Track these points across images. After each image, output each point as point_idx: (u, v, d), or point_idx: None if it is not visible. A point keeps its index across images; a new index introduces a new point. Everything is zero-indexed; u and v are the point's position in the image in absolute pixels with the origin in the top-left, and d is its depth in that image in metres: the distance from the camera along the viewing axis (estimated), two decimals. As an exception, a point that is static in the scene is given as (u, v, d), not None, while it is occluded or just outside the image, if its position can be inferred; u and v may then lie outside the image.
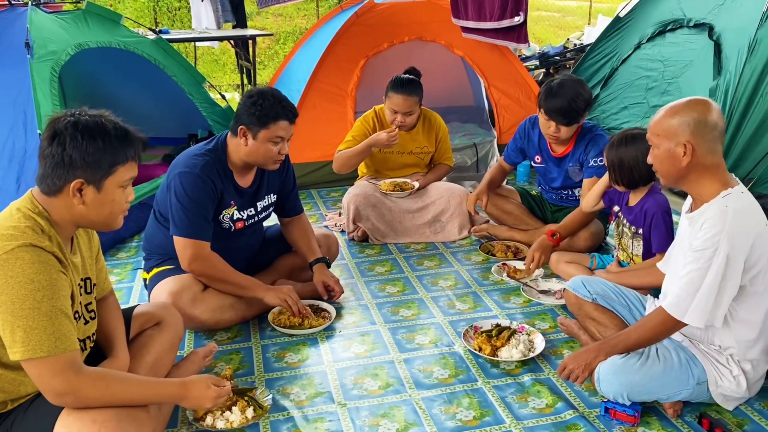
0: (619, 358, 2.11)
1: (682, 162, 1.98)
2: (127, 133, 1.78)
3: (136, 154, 1.81)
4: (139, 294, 3.08)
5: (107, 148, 1.72)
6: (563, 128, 3.13)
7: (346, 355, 2.52)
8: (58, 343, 1.63)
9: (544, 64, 6.48)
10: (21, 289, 1.60)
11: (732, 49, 4.01)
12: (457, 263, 3.37)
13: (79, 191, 1.72)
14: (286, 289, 2.69)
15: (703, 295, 1.95)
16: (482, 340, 2.49)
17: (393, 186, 3.67)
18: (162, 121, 5.05)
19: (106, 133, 1.73)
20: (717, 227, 1.93)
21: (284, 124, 2.58)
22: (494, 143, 4.75)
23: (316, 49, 4.93)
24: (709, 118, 1.96)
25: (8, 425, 1.73)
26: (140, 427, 1.79)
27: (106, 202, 1.77)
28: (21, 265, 1.62)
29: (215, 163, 2.60)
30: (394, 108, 3.56)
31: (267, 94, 2.56)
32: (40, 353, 1.61)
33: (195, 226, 2.55)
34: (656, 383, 2.08)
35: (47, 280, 1.64)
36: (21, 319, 1.60)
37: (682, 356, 2.10)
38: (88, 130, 1.71)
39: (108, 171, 1.74)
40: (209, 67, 9.98)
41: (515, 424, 2.11)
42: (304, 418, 2.14)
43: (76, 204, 1.74)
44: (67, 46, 3.90)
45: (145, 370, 2.06)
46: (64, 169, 1.71)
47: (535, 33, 11.71)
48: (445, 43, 4.84)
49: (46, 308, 1.62)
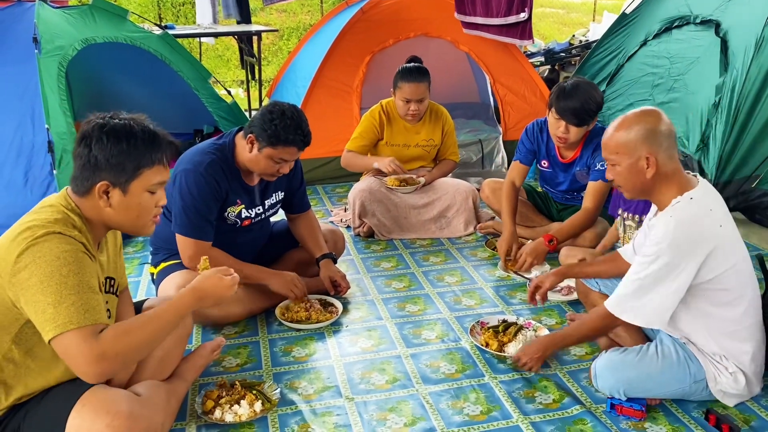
0: (617, 353, 2.16)
1: (647, 174, 2.02)
2: (155, 136, 1.78)
3: (165, 158, 1.81)
4: (146, 288, 3.09)
5: (132, 151, 1.73)
6: (573, 129, 3.11)
7: (353, 349, 2.53)
8: (87, 315, 1.64)
9: (550, 60, 6.47)
10: (48, 266, 1.62)
11: (739, 46, 4.00)
12: (463, 259, 3.37)
13: (106, 193, 1.75)
14: (291, 275, 2.70)
15: (640, 297, 2.01)
16: (489, 336, 2.50)
17: (399, 182, 3.68)
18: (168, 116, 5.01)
19: (133, 135, 1.74)
20: (659, 237, 1.99)
21: (292, 150, 2.56)
22: (500, 139, 4.75)
23: (322, 45, 4.93)
24: (662, 127, 2.02)
25: (21, 417, 1.75)
26: (150, 419, 1.81)
27: (132, 206, 1.78)
28: (48, 246, 1.64)
29: (221, 162, 2.59)
30: (406, 97, 3.56)
31: (287, 116, 2.51)
32: (69, 326, 1.61)
33: (196, 226, 2.56)
34: (653, 381, 2.10)
35: (73, 257, 1.66)
36: (50, 296, 1.61)
37: (681, 354, 2.12)
38: (114, 132, 1.73)
39: (133, 174, 1.74)
40: (213, 63, 9.98)
41: (522, 419, 2.11)
42: (312, 412, 2.15)
43: (103, 206, 1.76)
44: (74, 41, 3.91)
45: (154, 363, 2.07)
46: (90, 171, 1.73)
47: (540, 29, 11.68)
48: (451, 39, 4.84)
49: (72, 282, 1.63)
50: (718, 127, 3.91)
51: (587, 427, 2.07)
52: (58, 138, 3.49)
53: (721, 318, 2.05)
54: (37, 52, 3.65)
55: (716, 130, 3.92)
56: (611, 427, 2.07)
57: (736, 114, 3.80)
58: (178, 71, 4.48)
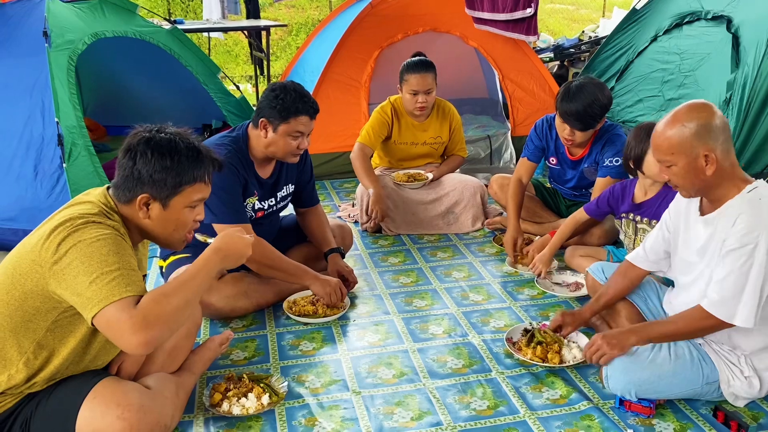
0: (628, 354, 2.08)
1: (707, 172, 1.93)
2: (199, 153, 1.79)
3: (207, 175, 1.82)
4: (155, 281, 3.10)
5: (175, 167, 1.74)
6: (578, 132, 3.09)
7: (361, 344, 2.54)
8: (128, 288, 1.64)
9: (559, 56, 6.44)
10: (88, 248, 1.64)
11: (751, 42, 3.96)
12: (471, 255, 3.37)
13: (146, 205, 1.76)
14: (335, 282, 2.70)
15: (749, 295, 1.91)
16: (540, 351, 2.34)
17: (407, 177, 3.67)
18: (176, 111, 5.08)
19: (177, 152, 1.75)
20: (753, 221, 1.89)
21: (305, 119, 2.60)
22: (508, 135, 4.73)
23: (330, 40, 4.92)
24: (716, 121, 1.91)
25: (33, 407, 1.77)
26: (160, 411, 1.82)
27: (170, 220, 1.80)
28: (89, 230, 1.66)
29: (239, 152, 2.62)
30: (414, 89, 3.55)
31: (290, 89, 2.59)
32: (111, 299, 1.61)
33: (234, 212, 2.59)
34: (665, 382, 2.07)
35: (113, 239, 1.67)
36: (91, 275, 1.62)
37: (695, 354, 2.09)
38: (159, 148, 1.74)
39: (174, 190, 1.76)
40: (222, 58, 9.99)
41: (529, 414, 2.11)
42: (319, 406, 2.15)
43: (142, 217, 1.78)
44: (84, 35, 3.92)
45: (163, 356, 2.09)
46: (132, 182, 1.75)
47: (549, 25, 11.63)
48: (460, 34, 4.83)
49: (113, 260, 1.64)
50: (730, 124, 3.88)
51: (594, 423, 2.07)
52: (68, 131, 3.51)
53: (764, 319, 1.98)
54: (47, 46, 3.67)
55: (727, 127, 3.90)
56: (619, 423, 2.06)
57: (747, 110, 3.77)
58: (187, 66, 4.49)
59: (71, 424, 1.74)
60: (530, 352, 2.37)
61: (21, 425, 1.75)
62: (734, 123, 3.83)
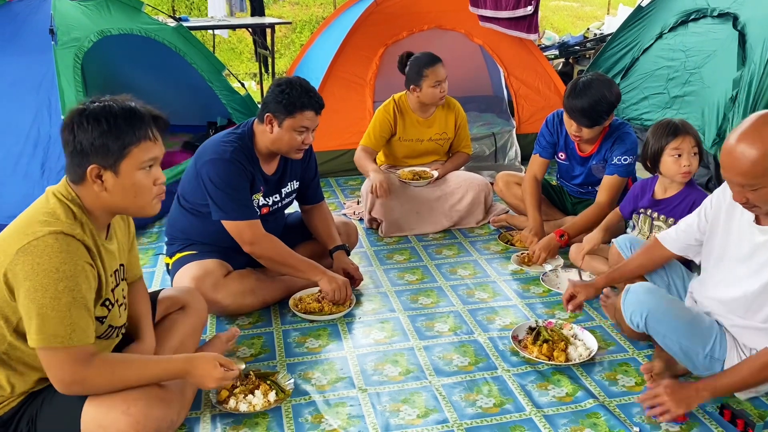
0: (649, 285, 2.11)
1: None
2: (135, 112, 1.74)
3: (152, 133, 1.76)
4: (161, 279, 3.11)
5: (113, 130, 1.70)
6: (585, 129, 3.09)
7: (366, 341, 2.54)
8: (73, 335, 1.65)
9: (564, 54, 6.42)
10: (45, 277, 1.62)
11: (757, 40, 3.95)
12: (476, 252, 3.37)
13: (99, 177, 1.72)
14: (342, 280, 2.71)
15: None
16: (546, 348, 2.36)
17: (412, 175, 3.67)
18: (182, 108, 5.07)
19: (112, 115, 1.71)
20: None
21: (310, 114, 2.61)
22: (513, 133, 4.72)
23: (335, 37, 4.92)
24: None
25: (38, 405, 1.77)
26: (167, 408, 1.83)
27: (127, 187, 1.75)
28: (49, 253, 1.63)
29: (244, 149, 2.63)
30: (439, 79, 3.56)
31: (295, 84, 2.60)
32: (53, 343, 1.64)
33: (243, 208, 2.60)
34: (674, 324, 2.06)
35: (72, 270, 1.64)
36: (40, 308, 1.62)
37: (715, 328, 2.07)
38: (93, 115, 1.71)
39: (120, 153, 1.71)
40: (226, 55, 9.99)
41: (535, 412, 2.12)
42: (325, 403, 2.16)
43: (99, 191, 1.73)
44: (90, 32, 3.93)
45: (169, 353, 2.10)
46: (78, 157, 1.72)
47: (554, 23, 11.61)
48: (465, 31, 4.82)
49: (66, 300, 1.63)
50: (735, 122, 3.88)
51: (600, 421, 2.07)
52: (74, 129, 3.51)
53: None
54: (53, 43, 3.67)
55: (733, 125, 3.89)
56: (625, 421, 2.06)
57: (754, 108, 3.77)
58: (192, 63, 4.49)
59: (76, 421, 1.74)
60: (536, 350, 2.37)
61: (27, 423, 1.76)
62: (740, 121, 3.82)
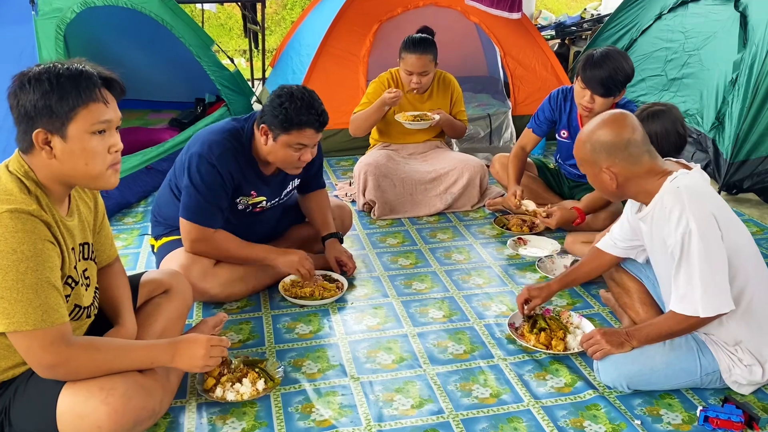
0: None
1: (612, 185, 2.00)
2: (81, 72, 1.62)
3: (101, 94, 1.64)
4: (145, 260, 3.01)
5: (56, 90, 1.58)
6: (598, 100, 2.98)
7: (359, 327, 2.46)
8: (45, 316, 1.56)
9: (560, 34, 6.31)
10: (3, 259, 1.52)
11: (759, 21, 3.87)
12: (471, 237, 3.29)
13: (48, 144, 1.61)
14: (299, 254, 2.59)
15: (704, 282, 1.87)
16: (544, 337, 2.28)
17: (413, 117, 3.54)
18: (169, 84, 4.93)
19: (55, 75, 1.59)
20: (677, 211, 1.88)
21: (309, 133, 2.42)
22: (509, 114, 4.62)
23: (327, 13, 4.78)
24: (621, 138, 1.94)
25: (11, 394, 1.68)
26: (148, 396, 1.74)
27: (77, 152, 1.62)
28: (3, 234, 1.53)
29: (236, 152, 2.46)
30: (409, 69, 3.44)
31: (296, 97, 2.38)
32: (25, 326, 1.55)
33: (204, 212, 2.45)
34: (659, 374, 2.04)
35: (32, 250, 1.55)
36: (4, 291, 1.53)
37: (693, 345, 2.05)
38: (36, 76, 1.59)
39: (67, 116, 1.59)
40: (215, 31, 9.78)
41: (533, 402, 2.05)
42: (316, 392, 2.08)
43: (48, 158, 1.62)
44: (73, 3, 3.77)
45: (153, 339, 2.00)
46: (24, 123, 1.61)
47: (550, 3, 11.45)
48: (461, 9, 4.69)
49: (30, 280, 1.54)
50: (735, 105, 3.80)
51: (600, 412, 2.01)
52: (56, 104, 3.38)
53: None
54: (33, 13, 3.53)
55: (733, 108, 3.82)
56: (625, 413, 2.00)
57: (755, 90, 3.69)
58: (180, 37, 4.34)
59: (51, 411, 1.64)
60: (533, 339, 2.29)
61: (0, 414, 1.67)
62: (740, 104, 3.75)
